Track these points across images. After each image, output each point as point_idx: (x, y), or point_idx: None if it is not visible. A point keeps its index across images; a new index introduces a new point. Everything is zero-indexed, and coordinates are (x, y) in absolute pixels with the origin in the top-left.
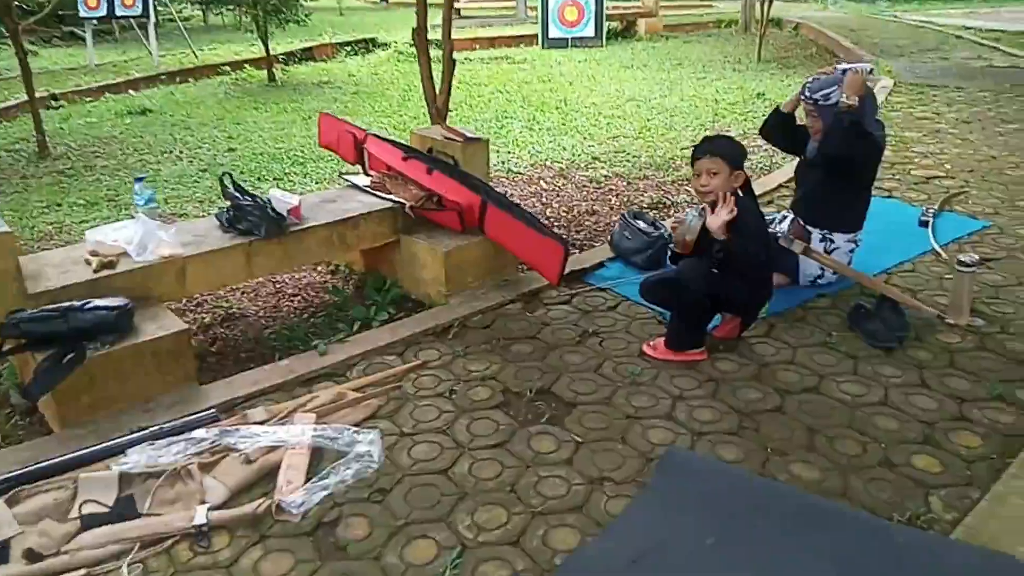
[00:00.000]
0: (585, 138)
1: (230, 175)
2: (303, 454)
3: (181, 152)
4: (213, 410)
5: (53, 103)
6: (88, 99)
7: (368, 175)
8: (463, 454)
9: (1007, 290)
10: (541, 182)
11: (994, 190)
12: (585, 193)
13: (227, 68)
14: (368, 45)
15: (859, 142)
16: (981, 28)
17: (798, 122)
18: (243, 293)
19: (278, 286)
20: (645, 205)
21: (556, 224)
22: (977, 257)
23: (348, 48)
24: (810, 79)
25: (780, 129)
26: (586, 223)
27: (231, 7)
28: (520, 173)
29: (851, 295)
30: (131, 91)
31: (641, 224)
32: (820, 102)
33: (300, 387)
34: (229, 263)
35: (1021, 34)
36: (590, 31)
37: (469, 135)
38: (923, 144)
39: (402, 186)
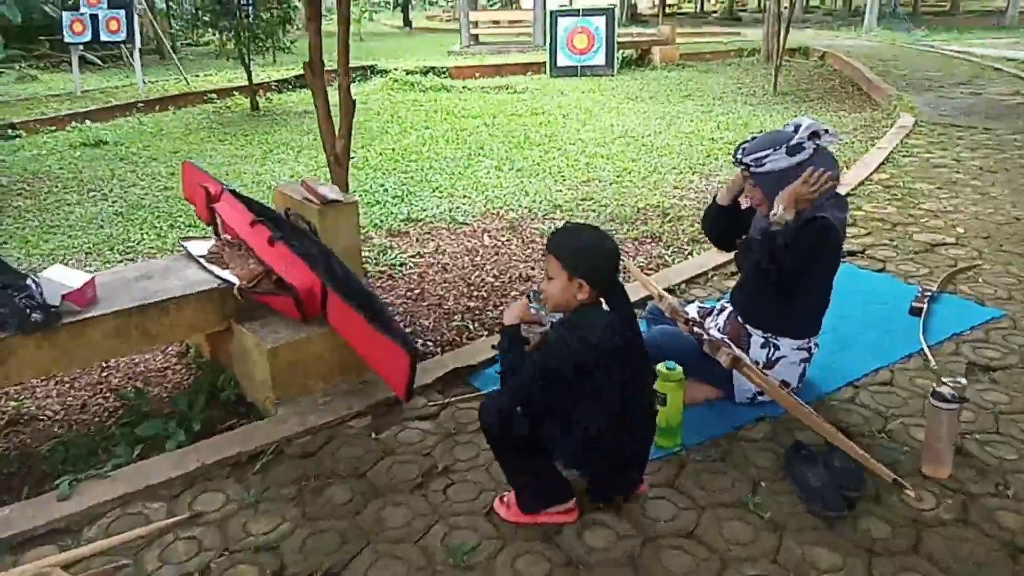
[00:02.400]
0: (556, 181)
1: None
2: None
3: (111, 190)
4: None
5: (11, 132)
6: (52, 128)
7: (220, 240)
8: None
9: (1012, 421)
10: (485, 236)
11: (1013, 264)
12: (530, 251)
13: (214, 96)
14: (367, 72)
15: (785, 255)
16: (1023, 60)
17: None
18: (56, 383)
19: (105, 373)
20: None
21: (478, 293)
22: (963, 383)
23: None
24: (750, 138)
25: (718, 223)
26: (514, 292)
27: (213, 32)
28: (465, 224)
29: (799, 422)
30: (87, 121)
31: None
32: (752, 168)
33: (6, 555)
34: None
35: None
36: (600, 59)
37: (331, 195)
38: (934, 199)
39: (243, 259)
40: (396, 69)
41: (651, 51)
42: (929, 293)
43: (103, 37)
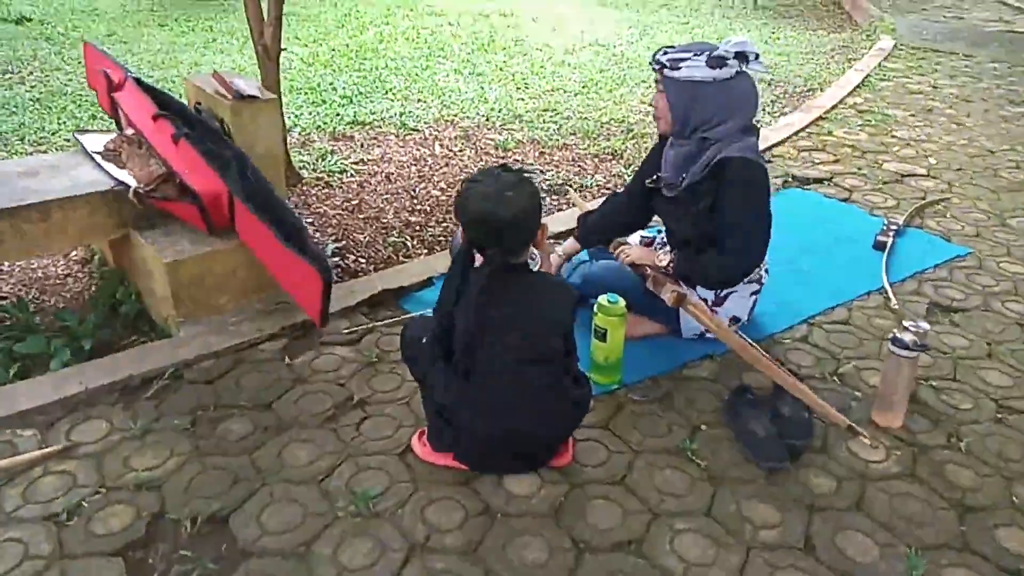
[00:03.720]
0: (519, 89)
1: None
2: None
3: (30, 73)
4: None
5: None
6: None
7: (120, 135)
8: None
9: (970, 368)
10: (436, 144)
11: (982, 200)
12: (482, 163)
13: None
14: None
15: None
16: None
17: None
18: None
19: None
20: (544, 187)
21: (421, 207)
22: (925, 328)
23: None
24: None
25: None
26: None
27: None
28: (416, 131)
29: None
30: None
31: None
32: (667, 70)
33: None
34: None
35: None
36: None
37: (246, 89)
38: (908, 127)
39: (143, 158)
40: None
41: None
42: (895, 227)
43: None
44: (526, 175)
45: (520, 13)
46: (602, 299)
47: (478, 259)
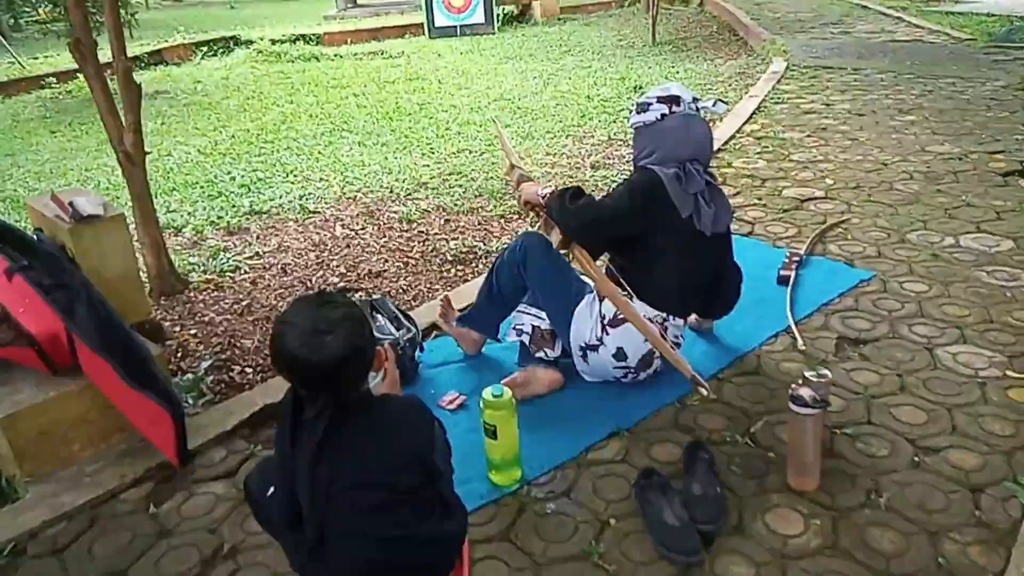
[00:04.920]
0: (424, 155)
1: None
2: None
3: None
4: None
5: None
6: None
7: None
8: None
9: (884, 407)
10: (337, 225)
11: (880, 216)
12: (386, 240)
13: (52, 80)
14: (229, 44)
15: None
16: None
17: None
18: None
19: None
20: (450, 257)
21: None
22: (827, 376)
23: (206, 48)
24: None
25: None
26: (361, 292)
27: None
28: (316, 213)
29: (653, 434)
30: None
31: (379, 319)
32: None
33: None
34: None
35: (927, 1)
36: (479, 17)
37: (86, 210)
38: (804, 148)
39: None
40: (261, 39)
41: (531, 5)
42: (797, 258)
43: None
44: (349, 303)
45: (425, 76)
46: (487, 393)
47: None
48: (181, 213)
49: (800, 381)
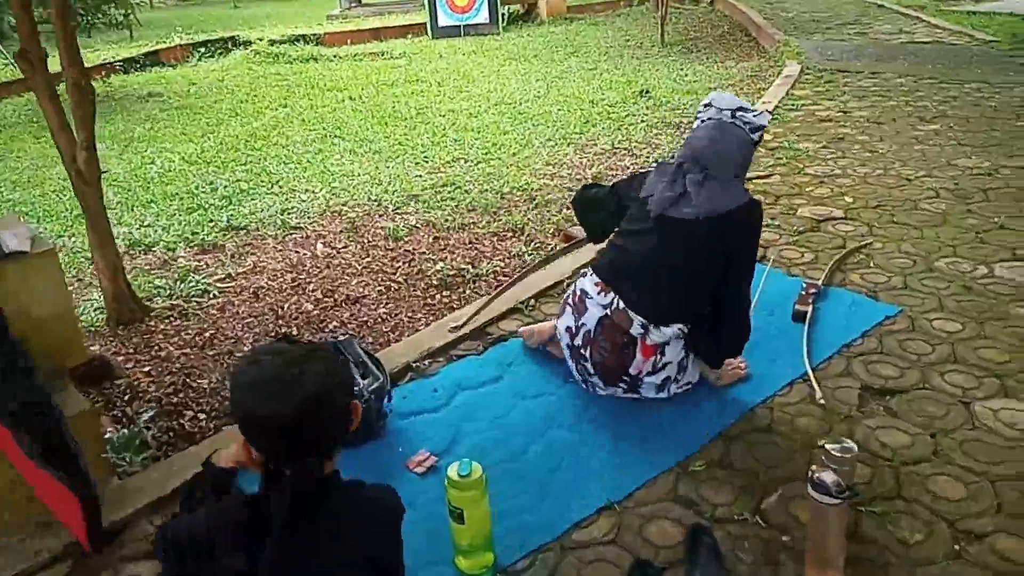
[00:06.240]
0: (417, 163)
1: None
2: None
3: None
4: None
5: None
6: None
7: None
8: None
9: (916, 477)
10: (319, 243)
11: (905, 240)
12: (369, 260)
13: None
14: (227, 44)
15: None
16: None
17: None
18: None
19: None
20: (435, 281)
21: (287, 327)
22: (852, 450)
23: (203, 49)
24: None
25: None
26: (335, 320)
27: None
28: (297, 228)
29: (648, 512)
30: None
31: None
32: None
33: None
34: None
35: None
36: (483, 17)
37: (10, 246)
38: (821, 161)
39: None
40: (260, 40)
41: (537, 4)
42: (815, 289)
43: None
44: (316, 350)
45: (425, 78)
46: (452, 471)
47: None
48: (155, 228)
49: (822, 456)
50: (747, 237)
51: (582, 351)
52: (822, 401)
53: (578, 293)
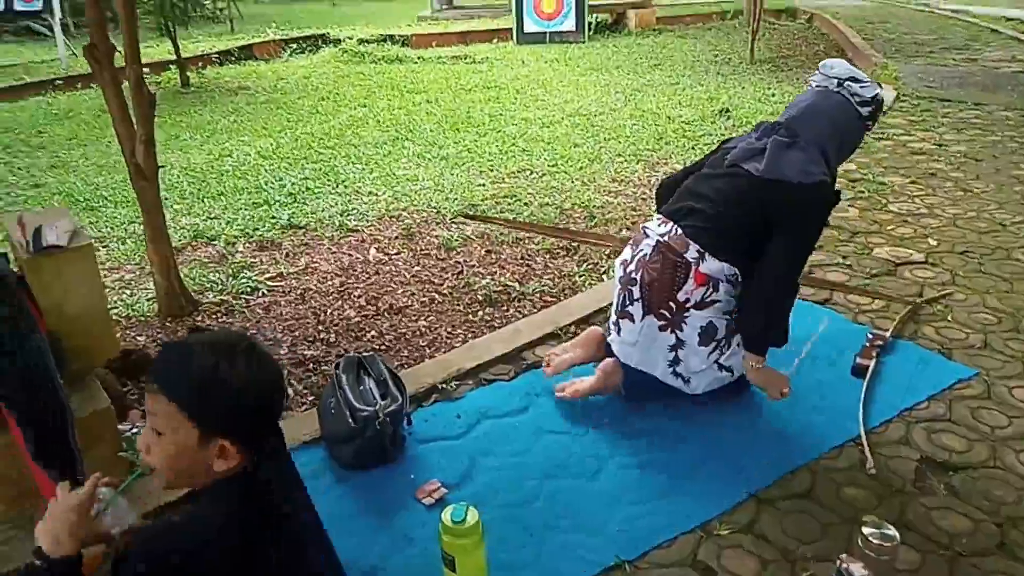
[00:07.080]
0: (482, 172)
1: None
2: None
3: None
4: None
5: None
6: None
7: None
8: None
9: (976, 570)
10: (372, 247)
11: (991, 293)
12: (419, 268)
13: (147, 70)
14: (317, 42)
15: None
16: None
17: None
18: None
19: None
20: (480, 296)
21: (325, 334)
22: (895, 539)
23: (295, 45)
24: None
25: None
26: (374, 330)
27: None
28: (355, 231)
29: (657, 564)
30: None
31: (367, 381)
32: None
33: None
34: None
35: None
36: (570, 24)
37: (48, 240)
38: (906, 198)
39: None
40: (350, 38)
41: (626, 15)
42: (881, 341)
43: (17, 7)
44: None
45: (504, 84)
46: (446, 516)
47: None
48: (220, 221)
49: (858, 540)
50: (794, 217)
51: (633, 275)
52: (873, 471)
53: (641, 231)
